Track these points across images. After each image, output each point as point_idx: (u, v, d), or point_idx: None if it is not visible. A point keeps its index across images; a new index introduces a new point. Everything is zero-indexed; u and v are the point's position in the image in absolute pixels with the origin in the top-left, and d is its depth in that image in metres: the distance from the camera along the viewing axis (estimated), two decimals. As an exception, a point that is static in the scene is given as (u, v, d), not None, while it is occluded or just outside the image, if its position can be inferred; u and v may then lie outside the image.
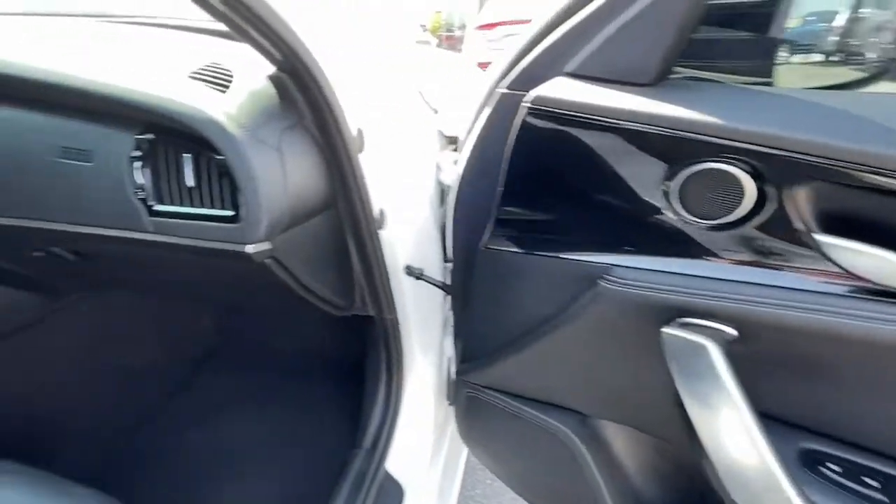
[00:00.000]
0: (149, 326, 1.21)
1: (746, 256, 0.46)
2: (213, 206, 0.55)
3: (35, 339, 0.97)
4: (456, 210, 0.69)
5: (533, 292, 0.58)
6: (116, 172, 0.56)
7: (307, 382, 1.23)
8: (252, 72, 0.62)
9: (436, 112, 0.85)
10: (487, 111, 0.57)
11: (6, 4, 0.94)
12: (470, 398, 0.76)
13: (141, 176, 0.56)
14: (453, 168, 0.84)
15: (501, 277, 0.61)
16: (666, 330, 0.46)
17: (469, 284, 0.68)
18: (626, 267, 0.49)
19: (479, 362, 0.71)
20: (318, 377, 1.24)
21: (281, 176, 0.57)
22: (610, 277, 0.50)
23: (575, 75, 0.47)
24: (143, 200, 0.56)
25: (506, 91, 0.52)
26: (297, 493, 1.02)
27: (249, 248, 0.55)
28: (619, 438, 0.65)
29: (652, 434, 0.62)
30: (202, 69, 0.60)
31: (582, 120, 0.46)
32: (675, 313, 0.48)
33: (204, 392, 1.21)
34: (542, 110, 0.47)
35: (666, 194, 0.46)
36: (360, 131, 0.67)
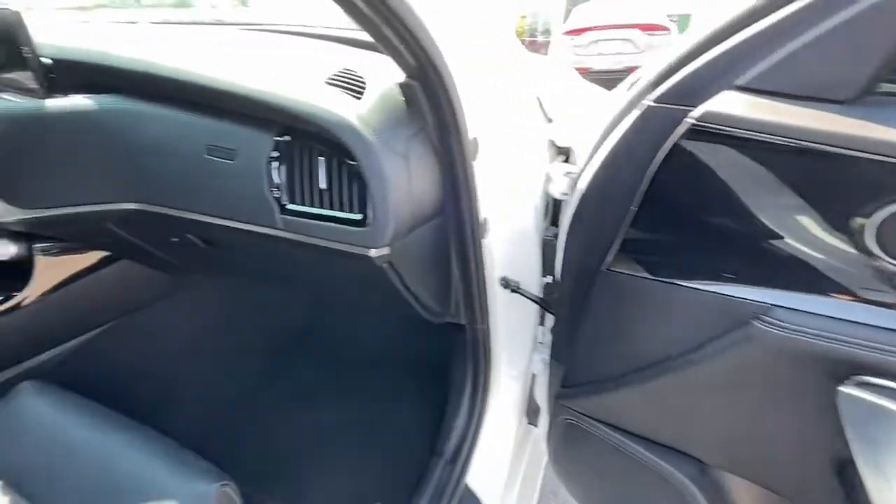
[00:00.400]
0: (248, 311, 1.29)
1: None
2: (342, 209, 0.56)
3: (159, 313, 1.07)
4: (572, 225, 0.66)
5: (662, 323, 0.53)
6: (256, 171, 0.60)
7: (389, 380, 1.25)
8: (382, 79, 0.63)
9: (550, 121, 0.82)
10: (626, 124, 0.53)
11: (157, 15, 1.05)
12: (568, 425, 0.72)
13: (277, 175, 0.59)
14: (564, 180, 0.81)
15: (624, 303, 0.57)
16: (846, 390, 0.39)
17: (580, 306, 0.64)
18: (791, 309, 0.43)
19: (584, 389, 0.67)
20: (400, 376, 1.26)
21: (406, 182, 0.57)
22: (767, 318, 0.44)
23: (748, 89, 0.42)
24: (278, 199, 0.59)
25: (654, 104, 0.48)
26: (374, 490, 1.03)
27: (373, 252, 0.55)
28: (746, 496, 0.58)
29: (790, 499, 0.54)
30: (337, 75, 0.63)
31: (759, 140, 0.40)
32: (851, 369, 0.41)
33: (291, 378, 1.28)
34: (708, 127, 0.43)
35: (859, 230, 0.39)
36: (475, 138, 0.66)
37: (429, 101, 0.58)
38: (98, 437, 0.68)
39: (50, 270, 0.85)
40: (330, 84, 0.61)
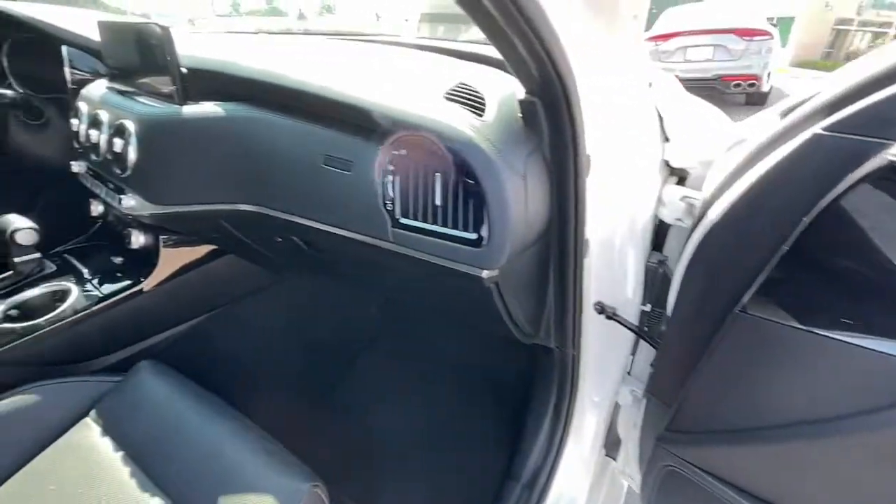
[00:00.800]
0: (332, 308, 1.34)
1: None
2: (455, 227, 0.55)
3: (256, 303, 1.13)
4: (695, 257, 0.60)
5: (813, 380, 0.47)
6: (371, 183, 0.60)
7: (465, 393, 1.24)
8: (499, 94, 0.61)
9: (667, 140, 0.76)
10: (783, 153, 0.47)
11: (254, 23, 1.11)
12: (671, 472, 0.66)
13: (391, 189, 0.59)
14: (680, 205, 0.75)
15: (761, 351, 0.51)
16: None
17: (699, 346, 0.58)
18: None
19: (696, 437, 0.61)
20: (477, 390, 1.24)
21: (524, 203, 0.55)
22: None
23: None
24: (391, 212, 0.59)
25: (828, 133, 0.42)
26: (446, 504, 1.03)
27: (485, 274, 0.54)
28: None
29: None
30: (455, 90, 0.62)
31: None
32: None
33: (369, 379, 1.30)
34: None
35: None
36: (588, 155, 0.63)
37: (549, 118, 0.56)
38: (205, 422, 0.72)
39: (168, 260, 0.93)
40: (449, 99, 0.60)
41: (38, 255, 0.90)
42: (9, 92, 1.03)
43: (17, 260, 0.87)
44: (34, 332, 0.78)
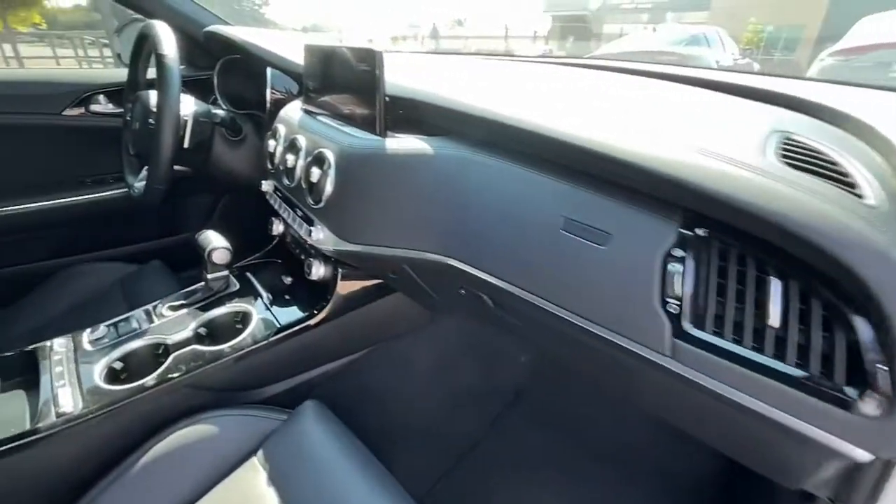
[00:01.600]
0: (480, 349, 1.22)
1: None
2: (805, 368, 0.37)
3: (409, 343, 1.05)
4: None
5: None
6: (640, 268, 0.44)
7: (620, 478, 1.03)
8: (861, 161, 0.42)
9: None
10: None
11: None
12: None
13: (680, 284, 0.42)
14: None
15: None
16: None
17: None
18: None
19: None
20: (638, 481, 1.02)
21: None
22: None
23: None
24: (674, 316, 0.43)
25: None
26: None
27: (861, 455, 0.35)
28: None
29: None
30: (793, 149, 0.43)
31: None
32: None
33: (514, 441, 1.16)
34: None
35: None
36: None
37: None
38: (355, 481, 0.64)
39: (340, 294, 0.88)
40: (789, 163, 0.42)
41: (226, 273, 0.90)
42: (220, 112, 1.09)
43: (209, 276, 0.88)
44: (218, 360, 0.77)
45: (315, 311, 0.86)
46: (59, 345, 0.77)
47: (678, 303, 0.42)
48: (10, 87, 1.20)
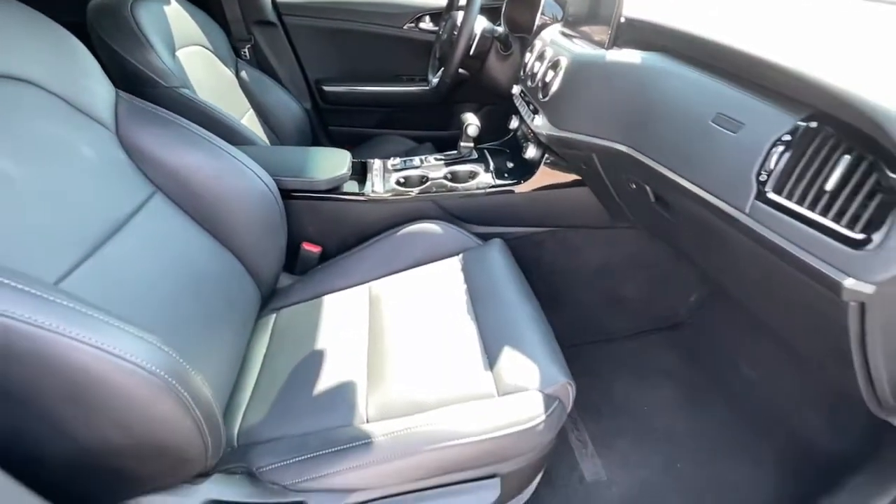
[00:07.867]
0: (647, 277, 1.35)
1: None
2: (838, 220, 0.48)
3: (584, 237, 1.27)
4: None
5: None
6: (754, 149, 0.58)
7: (750, 435, 1.06)
8: None
9: None
10: None
11: None
12: None
13: (776, 161, 0.55)
14: None
15: None
16: None
17: None
18: None
19: None
20: (770, 439, 1.04)
21: None
22: None
23: None
24: (762, 183, 0.56)
25: None
26: None
27: (849, 283, 0.46)
28: None
29: None
30: None
31: None
32: None
33: (648, 354, 1.29)
34: None
35: None
36: None
37: None
38: (525, 301, 0.93)
39: (542, 175, 1.17)
40: None
41: (472, 144, 1.30)
42: (500, 29, 1.45)
43: (462, 144, 1.28)
44: (452, 192, 1.18)
45: (521, 181, 1.18)
46: (377, 164, 1.31)
47: (767, 174, 0.55)
48: (380, 6, 1.82)
